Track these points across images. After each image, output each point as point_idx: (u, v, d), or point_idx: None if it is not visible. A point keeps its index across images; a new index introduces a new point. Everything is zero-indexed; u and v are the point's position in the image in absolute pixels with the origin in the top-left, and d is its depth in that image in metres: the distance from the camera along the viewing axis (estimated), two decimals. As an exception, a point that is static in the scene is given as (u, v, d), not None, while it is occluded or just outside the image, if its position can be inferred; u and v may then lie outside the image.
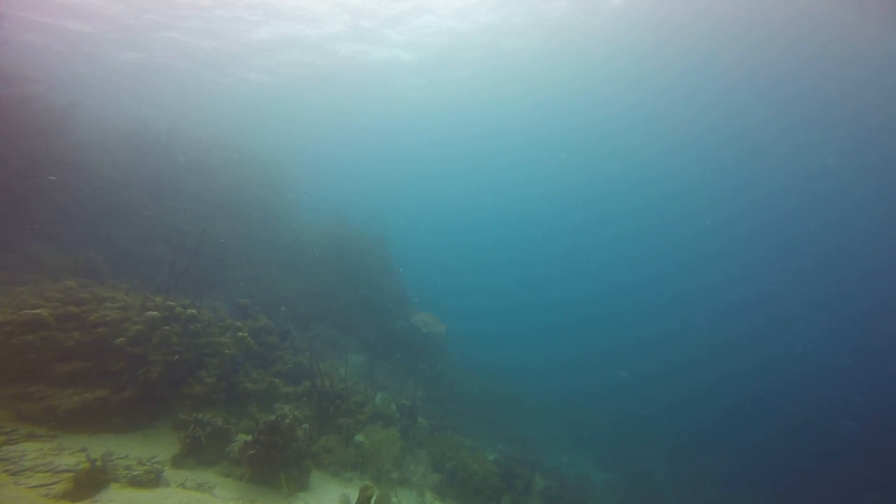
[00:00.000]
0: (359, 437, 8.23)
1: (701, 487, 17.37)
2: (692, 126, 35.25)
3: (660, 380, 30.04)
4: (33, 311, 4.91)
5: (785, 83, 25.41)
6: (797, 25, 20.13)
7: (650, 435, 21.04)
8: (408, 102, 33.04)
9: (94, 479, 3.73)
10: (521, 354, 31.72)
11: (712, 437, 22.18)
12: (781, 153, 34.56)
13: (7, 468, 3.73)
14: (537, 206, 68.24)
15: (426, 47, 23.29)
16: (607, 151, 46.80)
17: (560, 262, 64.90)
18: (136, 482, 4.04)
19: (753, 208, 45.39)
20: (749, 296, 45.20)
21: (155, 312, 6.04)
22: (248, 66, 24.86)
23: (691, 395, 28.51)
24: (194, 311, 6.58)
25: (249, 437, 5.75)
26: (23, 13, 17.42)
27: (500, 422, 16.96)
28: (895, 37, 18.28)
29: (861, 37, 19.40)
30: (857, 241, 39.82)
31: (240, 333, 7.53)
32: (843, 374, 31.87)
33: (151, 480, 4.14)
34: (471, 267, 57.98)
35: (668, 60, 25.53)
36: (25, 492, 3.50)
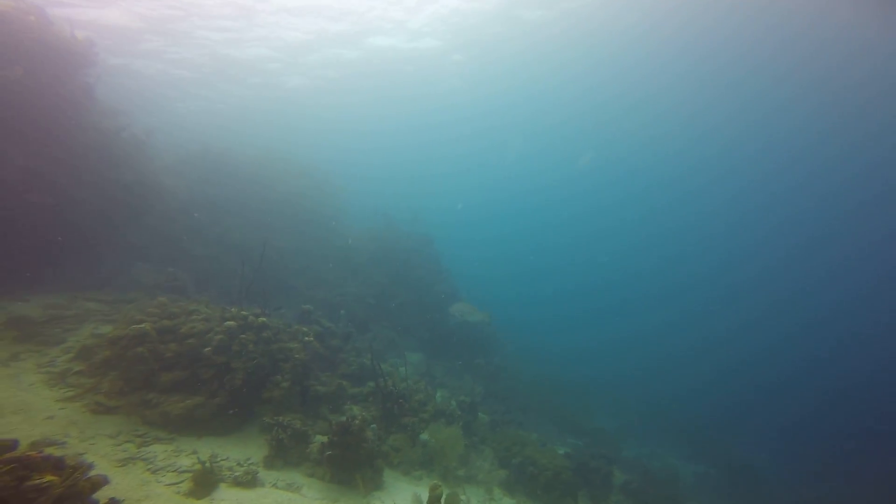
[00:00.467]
0: (424, 436, 8.42)
1: (813, 483, 15.70)
2: (725, 116, 32.60)
3: (748, 365, 28.21)
4: (140, 326, 5.53)
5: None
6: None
7: (739, 424, 19.59)
8: (440, 96, 33.02)
9: (207, 479, 4.16)
10: (577, 342, 31.18)
11: (820, 423, 20.25)
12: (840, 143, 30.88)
13: (148, 467, 4.24)
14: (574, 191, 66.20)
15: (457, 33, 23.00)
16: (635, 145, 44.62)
17: (608, 244, 62.80)
18: (239, 482, 4.44)
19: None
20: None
21: (232, 322, 6.55)
22: (290, 72, 25.89)
23: (790, 380, 26.31)
24: (265, 320, 7.05)
25: (325, 439, 6.10)
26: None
27: (566, 414, 16.56)
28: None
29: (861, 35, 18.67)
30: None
31: (307, 338, 7.97)
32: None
33: (250, 481, 4.53)
34: (511, 256, 57.77)
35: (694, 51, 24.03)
36: (163, 489, 3.97)
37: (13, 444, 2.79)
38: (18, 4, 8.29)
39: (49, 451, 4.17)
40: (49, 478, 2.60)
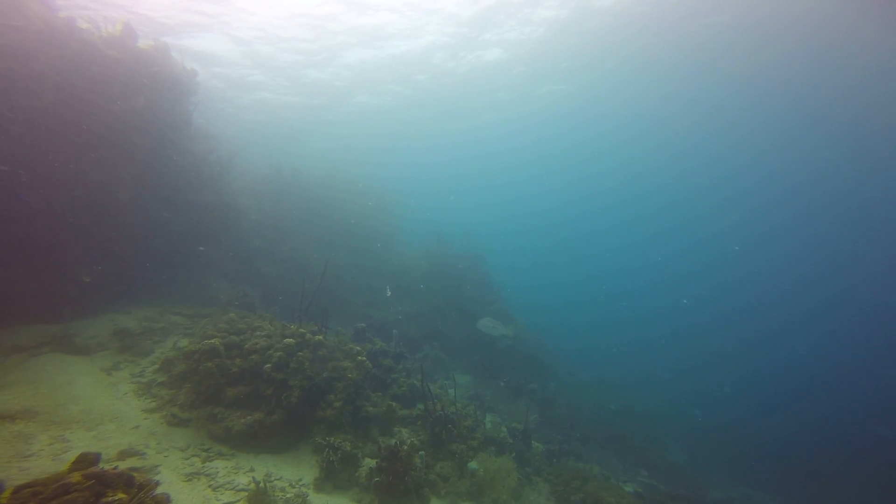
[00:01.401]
0: (472, 465, 8.13)
1: None
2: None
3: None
4: (210, 341, 6.01)
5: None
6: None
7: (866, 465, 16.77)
8: (498, 108, 33.27)
9: (261, 501, 4.32)
10: (639, 368, 28.98)
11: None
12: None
13: (210, 483, 4.53)
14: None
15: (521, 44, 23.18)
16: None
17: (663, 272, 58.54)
18: (289, 504, 4.55)
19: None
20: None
21: (291, 340, 6.87)
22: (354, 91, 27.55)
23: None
24: (321, 338, 7.31)
25: (374, 463, 6.11)
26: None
27: (634, 445, 15.24)
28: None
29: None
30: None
31: (360, 358, 8.14)
32: None
33: None
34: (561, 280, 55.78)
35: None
36: None
37: (96, 459, 3.07)
38: (157, 44, 9.64)
39: (131, 461, 4.60)
40: (120, 495, 2.80)
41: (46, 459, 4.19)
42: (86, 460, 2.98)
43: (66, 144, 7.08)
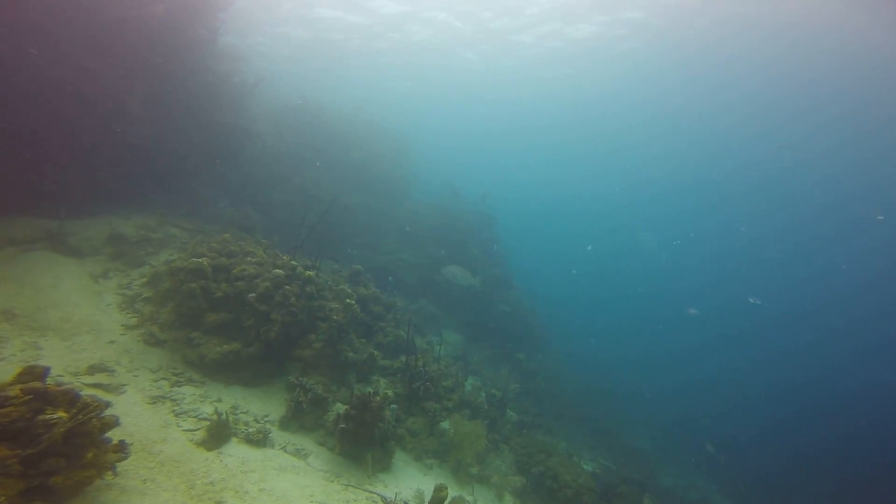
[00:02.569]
0: (444, 424, 8.29)
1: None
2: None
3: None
4: (198, 260, 5.87)
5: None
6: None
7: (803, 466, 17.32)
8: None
9: (221, 432, 4.34)
10: (633, 351, 29.41)
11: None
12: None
13: (174, 409, 4.55)
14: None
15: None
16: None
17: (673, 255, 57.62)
18: (251, 440, 4.59)
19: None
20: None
21: (280, 271, 6.72)
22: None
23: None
24: (311, 274, 7.15)
25: (344, 408, 6.17)
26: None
27: (605, 429, 15.68)
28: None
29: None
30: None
31: (348, 301, 8.05)
32: None
33: (261, 440, 4.67)
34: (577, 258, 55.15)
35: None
36: (180, 434, 4.22)
37: (44, 373, 2.96)
38: None
39: (100, 377, 4.60)
40: (61, 413, 2.69)
41: (13, 366, 4.20)
42: (32, 373, 2.87)
43: (79, 45, 6.60)
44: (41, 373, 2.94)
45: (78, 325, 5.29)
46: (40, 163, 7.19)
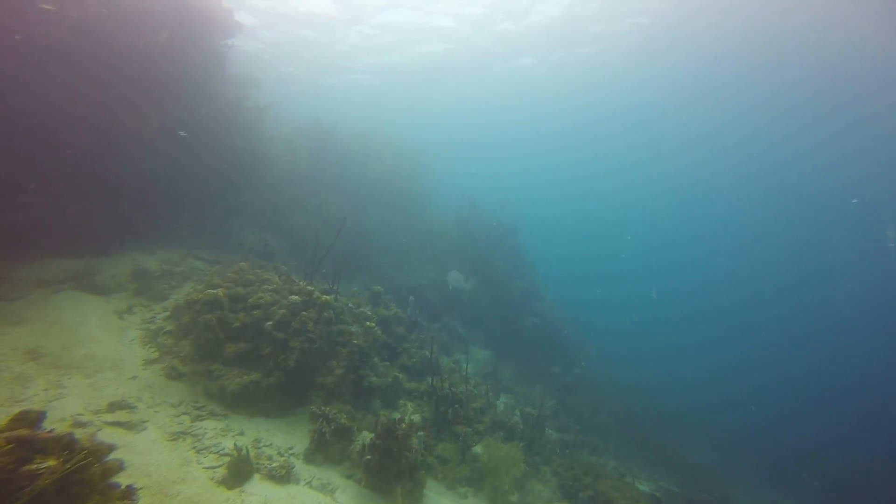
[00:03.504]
0: (477, 449, 7.77)
1: None
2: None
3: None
4: (213, 292, 5.77)
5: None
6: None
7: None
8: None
9: (242, 468, 4.09)
10: (676, 362, 27.68)
11: None
12: None
13: (195, 444, 4.35)
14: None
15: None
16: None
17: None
18: (273, 476, 4.32)
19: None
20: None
21: (296, 297, 6.55)
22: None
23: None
24: (329, 298, 6.95)
25: (370, 436, 5.82)
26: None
27: (656, 442, 14.49)
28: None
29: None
30: None
31: (368, 323, 7.79)
32: None
33: (285, 476, 4.39)
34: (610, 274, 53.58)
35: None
36: (200, 472, 4.00)
37: (39, 418, 2.78)
38: None
39: (120, 414, 4.46)
40: (51, 462, 2.47)
41: (38, 405, 4.12)
42: (24, 420, 2.70)
43: (88, 78, 6.86)
44: (35, 418, 2.76)
45: (101, 362, 5.24)
46: (66, 201, 7.41)
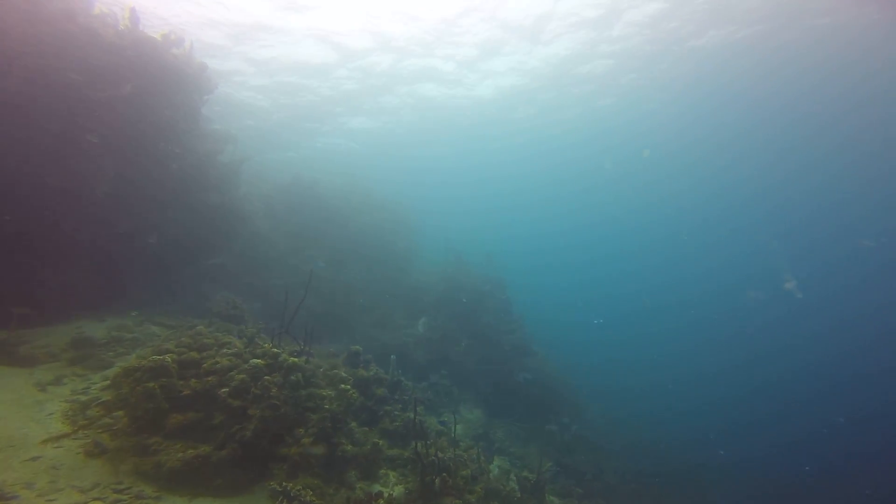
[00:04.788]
0: (469, 526, 6.76)
1: None
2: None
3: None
4: (159, 357, 5.14)
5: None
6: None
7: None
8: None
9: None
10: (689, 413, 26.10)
11: None
12: None
13: None
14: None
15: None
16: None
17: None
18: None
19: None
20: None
21: (259, 360, 5.93)
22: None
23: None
24: (297, 361, 6.32)
25: (339, 520, 4.95)
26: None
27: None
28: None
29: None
30: None
31: (343, 386, 7.08)
32: None
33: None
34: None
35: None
36: None
37: None
38: (166, 33, 9.34)
39: None
40: None
41: None
42: None
43: (39, 129, 6.66)
44: None
45: (-3, 442, 4.41)
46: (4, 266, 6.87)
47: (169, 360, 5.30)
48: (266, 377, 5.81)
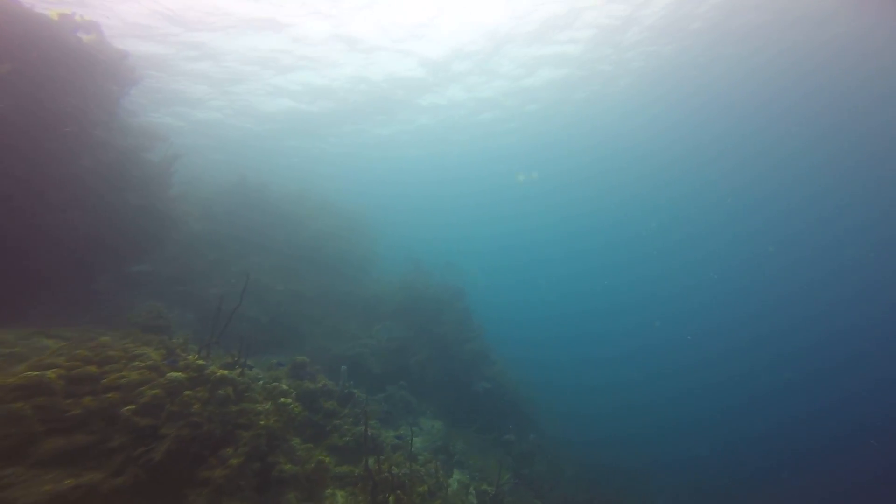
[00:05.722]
0: (424, 548, 6.16)
1: None
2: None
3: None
4: (33, 374, 4.20)
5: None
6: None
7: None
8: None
9: None
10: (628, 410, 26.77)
11: None
12: None
13: None
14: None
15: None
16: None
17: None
18: None
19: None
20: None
21: (180, 374, 5.09)
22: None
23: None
24: (226, 373, 5.52)
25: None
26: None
27: None
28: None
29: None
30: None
31: (283, 400, 6.29)
32: None
33: None
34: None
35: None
36: None
37: None
38: (67, 15, 8.18)
39: None
40: None
41: None
42: None
43: None
44: None
45: None
46: None
47: (52, 375, 4.36)
48: (187, 392, 4.97)
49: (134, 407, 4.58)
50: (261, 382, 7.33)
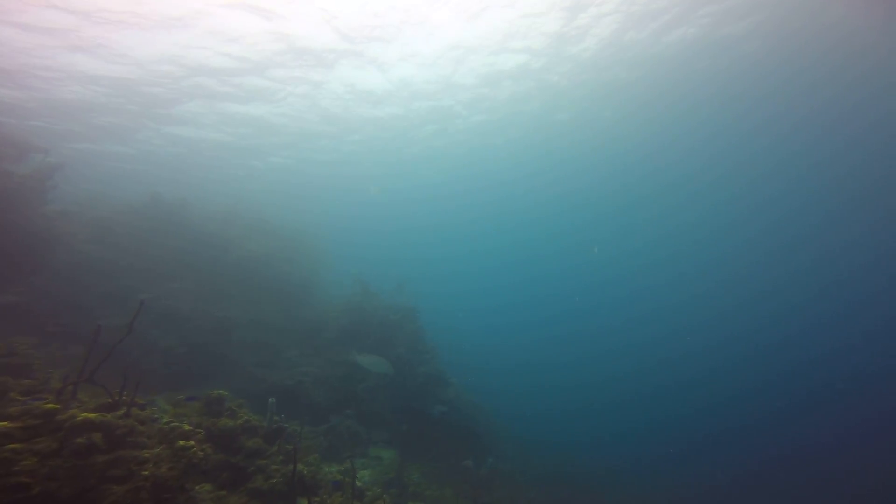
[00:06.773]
0: None
1: None
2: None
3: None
4: None
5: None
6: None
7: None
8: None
9: None
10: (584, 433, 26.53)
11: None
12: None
13: None
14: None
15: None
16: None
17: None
18: None
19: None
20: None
21: (8, 423, 3.71)
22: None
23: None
24: (93, 416, 4.20)
25: None
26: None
27: None
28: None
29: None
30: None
31: (181, 443, 4.96)
32: None
33: None
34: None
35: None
36: None
37: None
38: None
39: None
40: None
41: None
42: None
43: None
44: None
45: None
46: None
47: None
48: (12, 445, 3.60)
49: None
50: (157, 424, 5.87)
